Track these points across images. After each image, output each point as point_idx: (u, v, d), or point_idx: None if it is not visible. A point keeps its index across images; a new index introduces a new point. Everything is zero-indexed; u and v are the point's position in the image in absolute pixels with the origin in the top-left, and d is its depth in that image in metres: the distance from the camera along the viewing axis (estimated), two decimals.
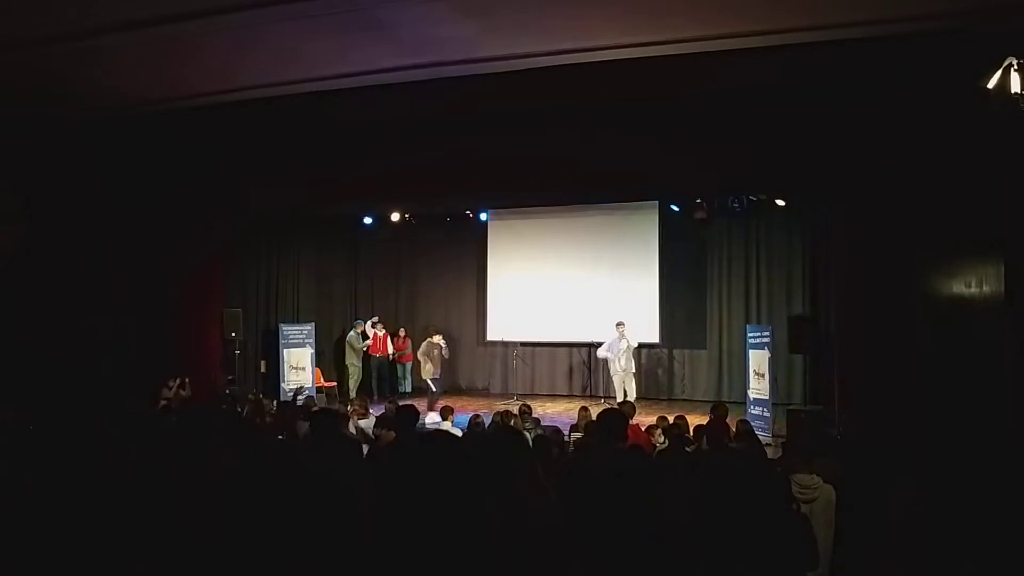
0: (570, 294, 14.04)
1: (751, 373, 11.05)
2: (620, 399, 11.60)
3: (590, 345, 13.68)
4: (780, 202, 12.03)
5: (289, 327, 13.10)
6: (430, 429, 7.36)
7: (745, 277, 13.31)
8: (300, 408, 8.55)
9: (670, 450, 5.89)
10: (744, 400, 11.25)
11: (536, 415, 9.24)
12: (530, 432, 7.07)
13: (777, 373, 10.80)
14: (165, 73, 7.49)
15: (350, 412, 8.26)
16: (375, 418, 7.74)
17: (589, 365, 14.05)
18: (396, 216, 14.01)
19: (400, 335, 14.59)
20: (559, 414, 11.78)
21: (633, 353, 12.63)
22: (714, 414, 7.66)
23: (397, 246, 15.52)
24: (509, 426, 6.99)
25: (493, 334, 14.82)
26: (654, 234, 13.62)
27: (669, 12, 6.14)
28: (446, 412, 8.75)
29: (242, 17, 6.08)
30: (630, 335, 12.49)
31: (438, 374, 12.49)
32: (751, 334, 11.35)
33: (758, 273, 13.18)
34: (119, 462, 3.73)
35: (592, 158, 8.96)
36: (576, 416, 8.67)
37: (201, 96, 8.11)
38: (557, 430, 7.26)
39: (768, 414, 10.40)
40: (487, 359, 15.15)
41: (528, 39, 6.68)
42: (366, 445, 5.85)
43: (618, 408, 5.91)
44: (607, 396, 12.60)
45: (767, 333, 10.87)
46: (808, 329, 10.73)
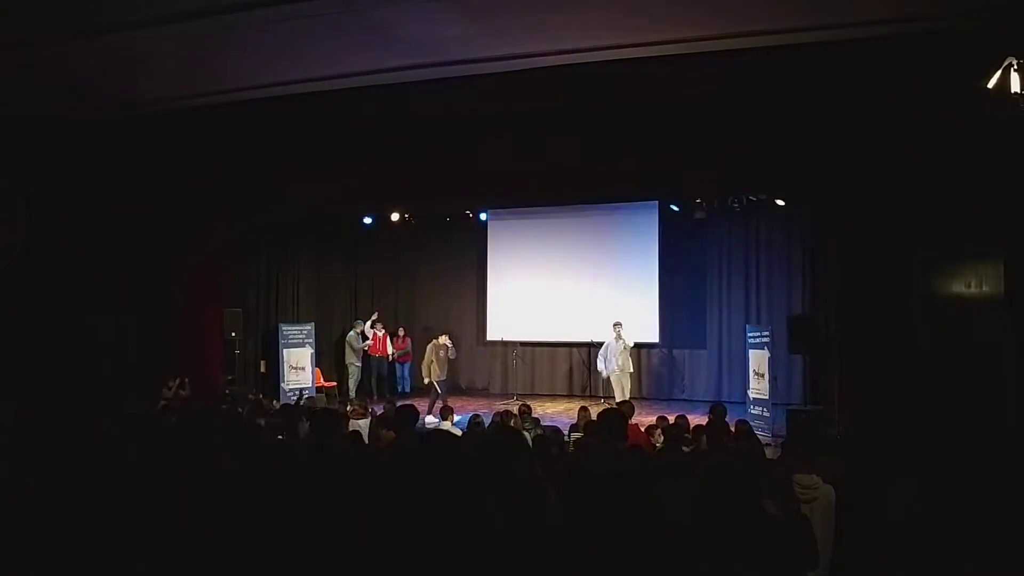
0: (570, 294, 14.05)
1: (751, 373, 11.05)
2: (619, 399, 11.61)
3: (590, 345, 13.68)
4: (780, 202, 12.04)
5: (289, 327, 13.09)
6: (430, 429, 7.36)
7: (745, 277, 13.31)
8: (302, 408, 8.54)
9: (666, 449, 5.86)
10: (744, 400, 11.26)
11: (536, 415, 9.23)
12: (530, 432, 7.06)
13: (777, 373, 10.80)
14: (165, 73, 7.49)
15: (349, 412, 8.25)
16: (375, 418, 7.73)
17: (589, 365, 14.05)
18: (396, 216, 14.01)
19: (400, 335, 14.59)
20: (559, 414, 11.78)
21: (631, 353, 12.64)
22: (713, 414, 7.65)
23: (397, 246, 15.52)
24: (509, 426, 6.98)
25: (493, 334, 14.83)
26: (654, 234, 13.63)
27: (669, 12, 6.14)
28: (446, 412, 8.75)
29: (242, 17, 6.08)
30: (627, 335, 12.50)
31: (444, 376, 12.36)
32: (751, 334, 11.35)
33: (758, 273, 13.19)
34: (119, 462, 3.74)
35: (592, 158, 8.96)
36: (576, 416, 8.67)
37: (201, 96, 8.11)
38: (557, 430, 7.25)
39: (768, 414, 10.40)
40: (487, 359, 15.16)
41: (528, 39, 6.68)
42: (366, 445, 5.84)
43: (618, 408, 5.92)
44: (607, 396, 12.59)
45: (767, 333, 10.87)
46: (808, 329, 10.73)
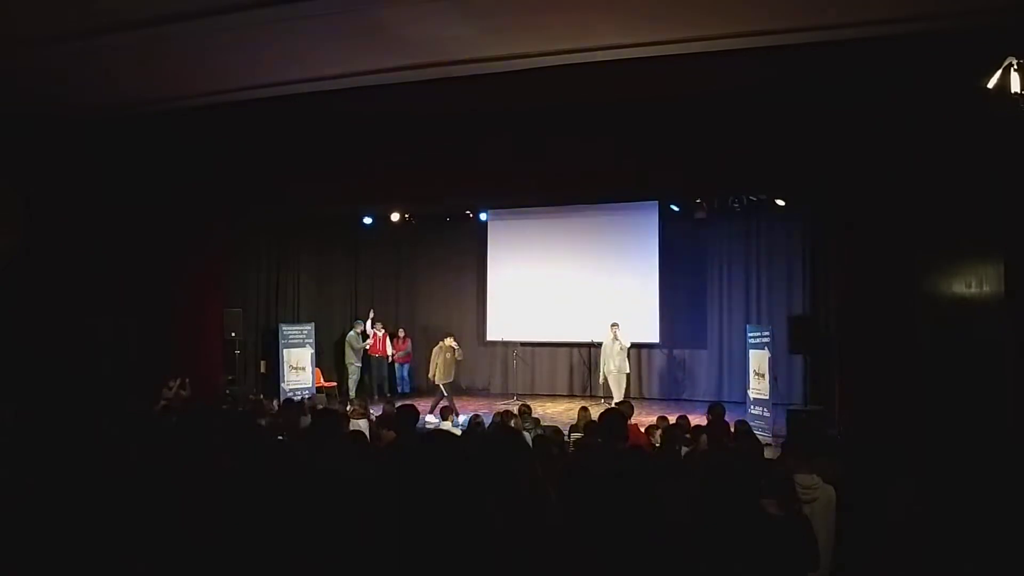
0: (570, 294, 14.06)
1: (751, 373, 11.05)
2: (616, 399, 11.62)
3: (590, 345, 13.69)
4: (780, 202, 12.05)
5: (289, 327, 13.09)
6: (430, 429, 7.36)
7: (745, 277, 13.32)
8: (304, 404, 8.58)
9: (663, 449, 5.85)
10: (744, 400, 11.26)
11: (536, 415, 9.24)
12: (530, 432, 7.07)
13: (777, 373, 10.80)
14: (165, 73, 7.49)
15: (350, 412, 8.25)
16: (374, 418, 7.74)
17: (589, 365, 14.05)
18: (396, 216, 14.01)
19: (400, 336, 14.58)
20: (559, 414, 11.78)
21: (628, 354, 12.64)
22: (712, 414, 7.65)
23: (397, 246, 15.53)
24: (509, 426, 6.98)
25: (493, 334, 14.84)
26: (654, 234, 13.63)
27: (669, 12, 6.14)
28: (446, 412, 8.76)
29: (242, 17, 6.08)
30: (623, 336, 12.50)
31: (451, 378, 12.19)
32: (751, 334, 11.35)
33: (758, 273, 13.19)
34: (119, 462, 3.73)
35: (592, 158, 8.96)
36: (576, 416, 8.68)
37: (201, 96, 8.10)
38: (557, 430, 7.26)
39: (768, 414, 10.40)
40: (487, 359, 15.16)
41: (528, 39, 6.68)
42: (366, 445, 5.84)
43: (618, 408, 5.92)
44: (607, 396, 12.60)
45: (767, 333, 10.87)
46: (808, 329, 10.73)
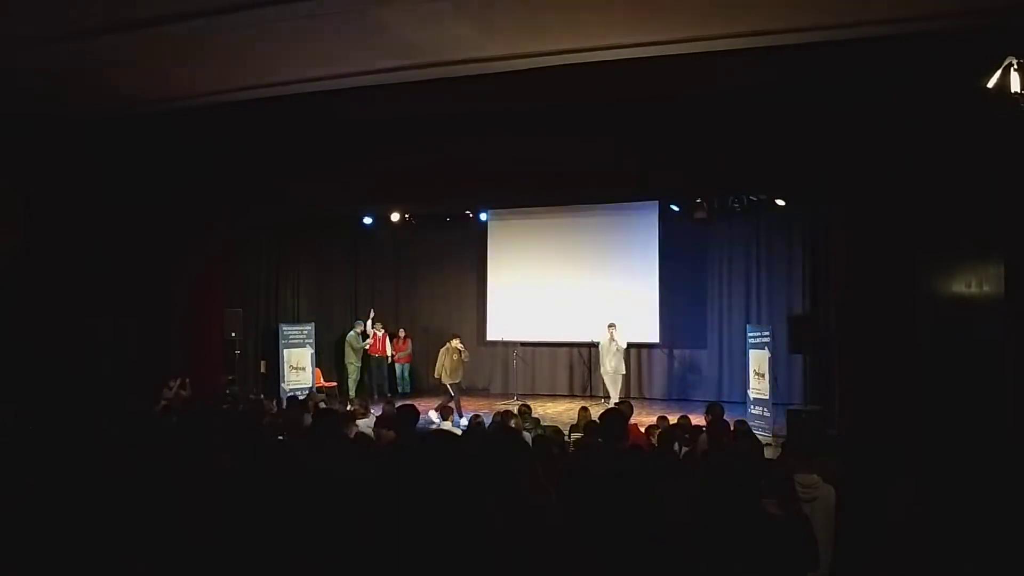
0: (570, 294, 14.05)
1: (751, 373, 11.05)
2: (613, 399, 11.62)
3: (590, 345, 13.68)
4: (780, 202, 12.05)
5: (289, 327, 13.09)
6: (430, 429, 7.36)
7: (745, 277, 13.31)
8: (307, 403, 8.59)
9: (660, 450, 5.83)
10: (744, 400, 11.26)
11: (536, 415, 9.24)
12: (530, 432, 7.07)
13: (777, 373, 10.80)
14: (165, 73, 7.49)
15: (354, 412, 8.25)
16: (374, 418, 7.73)
17: (589, 365, 14.05)
18: (396, 216, 14.00)
19: (400, 336, 14.57)
20: (559, 414, 11.78)
21: (624, 355, 12.64)
22: (711, 414, 7.65)
23: (397, 246, 15.52)
24: (509, 426, 6.98)
25: (493, 334, 14.82)
26: (654, 234, 13.62)
27: (669, 12, 6.14)
28: (446, 412, 8.77)
29: (242, 17, 6.08)
30: (620, 336, 12.51)
31: (458, 380, 12.06)
32: (751, 334, 11.35)
33: (758, 273, 13.18)
34: (119, 462, 3.73)
35: (592, 158, 8.95)
36: (576, 416, 8.68)
37: (201, 96, 8.11)
38: (557, 430, 7.26)
39: (768, 414, 10.40)
40: (487, 359, 15.14)
41: (528, 39, 6.68)
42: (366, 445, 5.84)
43: (618, 408, 5.92)
44: (607, 396, 12.60)
45: (767, 333, 10.87)
46: (808, 329, 10.72)
